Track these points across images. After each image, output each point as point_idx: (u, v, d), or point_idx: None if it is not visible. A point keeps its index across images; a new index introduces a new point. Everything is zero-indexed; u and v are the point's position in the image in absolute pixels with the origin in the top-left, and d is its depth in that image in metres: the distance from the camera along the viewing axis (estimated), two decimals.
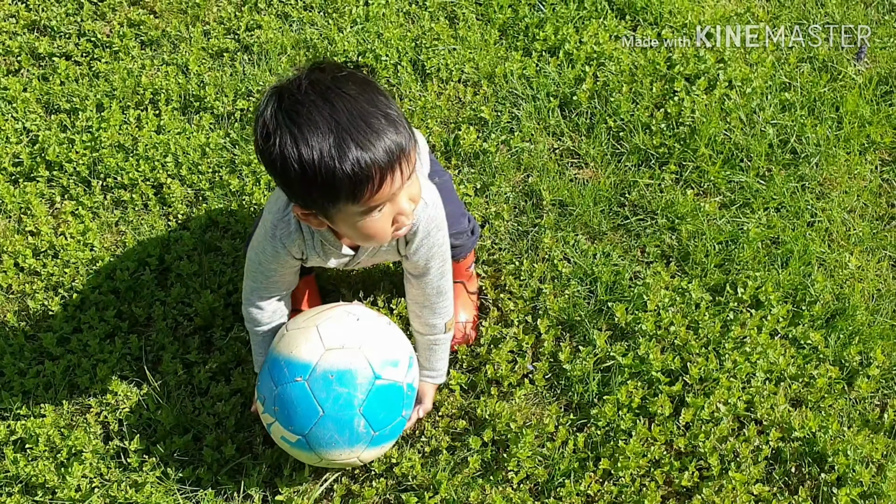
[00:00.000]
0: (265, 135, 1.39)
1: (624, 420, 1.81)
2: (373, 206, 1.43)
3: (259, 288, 1.77)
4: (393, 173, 1.39)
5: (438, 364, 1.84)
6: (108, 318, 2.11)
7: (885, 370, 1.86)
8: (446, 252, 1.75)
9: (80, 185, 2.41)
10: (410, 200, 1.49)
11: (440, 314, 1.79)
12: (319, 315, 1.68)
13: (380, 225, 1.48)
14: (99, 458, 1.88)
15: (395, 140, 1.38)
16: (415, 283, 1.77)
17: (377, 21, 2.67)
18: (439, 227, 1.71)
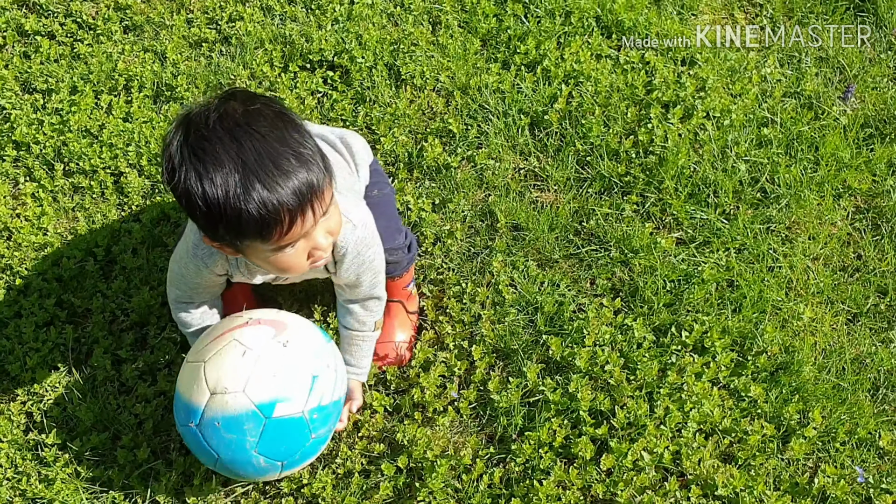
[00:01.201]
0: (171, 168, 1.36)
1: (543, 459, 1.75)
2: (284, 245, 1.40)
3: (183, 296, 1.76)
4: (304, 214, 1.36)
5: (363, 361, 1.83)
6: (48, 307, 2.10)
7: (822, 432, 1.78)
8: (379, 265, 1.73)
9: (43, 167, 2.40)
10: (328, 233, 1.47)
11: (373, 311, 1.79)
12: (209, 346, 1.60)
13: (294, 260, 1.45)
14: (16, 449, 1.87)
15: (306, 180, 1.35)
16: (347, 290, 1.76)
17: (359, 21, 2.62)
18: (369, 245, 1.68)
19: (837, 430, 1.77)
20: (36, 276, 2.16)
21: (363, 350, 1.81)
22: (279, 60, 2.56)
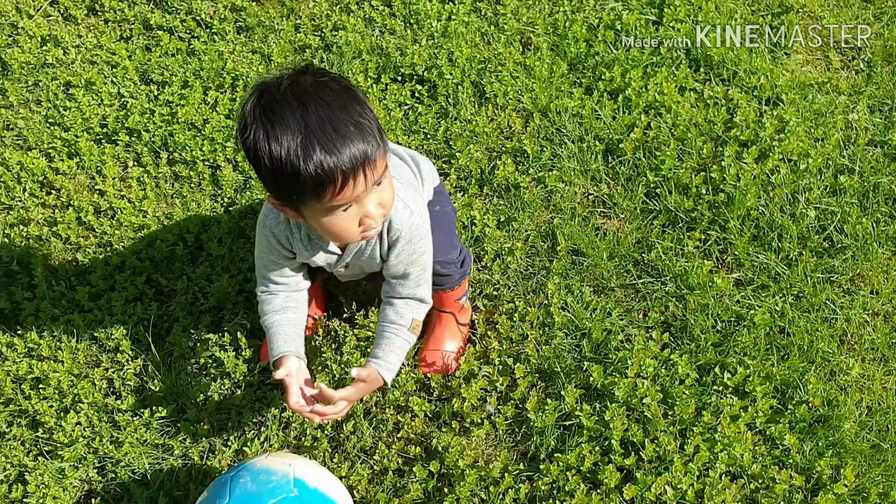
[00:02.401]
0: (243, 126, 1.49)
1: (570, 482, 1.82)
2: (336, 206, 1.50)
3: (263, 277, 1.86)
4: (356, 178, 1.46)
5: (391, 356, 1.79)
6: (139, 284, 2.30)
7: (853, 490, 1.77)
8: (427, 262, 1.80)
9: (151, 154, 2.62)
10: (380, 205, 1.56)
11: (414, 309, 1.83)
12: None
13: (345, 224, 1.55)
14: (94, 411, 2.07)
15: (362, 147, 1.46)
16: (393, 283, 1.82)
17: (453, 38, 2.73)
18: (422, 236, 1.76)
19: (870, 490, 1.76)
20: (132, 254, 2.37)
21: (394, 344, 1.80)
22: (373, 71, 2.69)
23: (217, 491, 1.64)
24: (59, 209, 2.52)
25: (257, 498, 1.58)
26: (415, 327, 1.84)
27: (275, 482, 1.61)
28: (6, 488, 1.96)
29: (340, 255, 1.80)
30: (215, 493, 1.63)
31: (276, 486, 1.60)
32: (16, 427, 2.07)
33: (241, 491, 1.60)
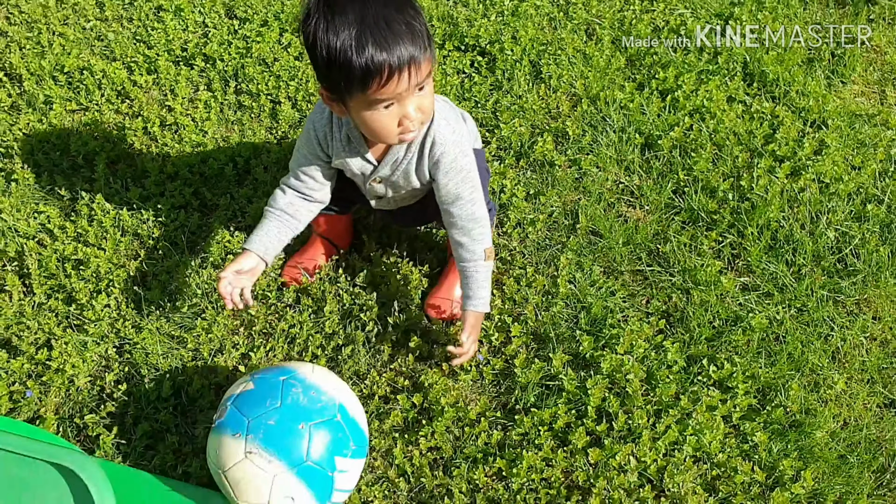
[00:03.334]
0: (305, 16, 1.60)
1: (541, 436, 1.91)
2: (380, 100, 1.59)
3: (293, 173, 1.95)
4: (400, 75, 1.55)
5: (480, 292, 1.92)
6: (186, 193, 2.47)
7: (810, 493, 1.81)
8: (476, 180, 1.87)
9: (221, 81, 2.80)
10: (419, 110, 1.64)
11: (477, 240, 1.89)
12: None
13: (386, 121, 1.64)
14: (124, 298, 2.24)
15: (410, 48, 1.55)
16: (450, 211, 1.88)
17: (521, 18, 2.83)
18: (465, 153, 1.84)
19: (827, 496, 1.80)
20: (185, 167, 2.54)
21: (478, 281, 1.92)
22: (439, 37, 2.81)
23: (269, 391, 1.71)
24: (130, 117, 2.72)
25: (306, 413, 1.67)
26: (489, 255, 1.93)
27: (323, 402, 1.71)
28: (34, 350, 2.14)
29: (376, 165, 1.87)
30: (267, 392, 1.71)
31: (324, 406, 1.70)
32: (52, 300, 2.25)
33: (293, 400, 1.69)
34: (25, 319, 2.21)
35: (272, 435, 1.63)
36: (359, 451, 1.75)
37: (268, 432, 1.64)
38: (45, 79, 2.85)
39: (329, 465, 1.67)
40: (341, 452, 1.70)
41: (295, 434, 1.64)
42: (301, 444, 1.64)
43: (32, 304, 2.25)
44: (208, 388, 2.06)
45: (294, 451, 1.64)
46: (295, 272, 2.25)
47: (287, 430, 1.64)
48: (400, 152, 1.84)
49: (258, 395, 1.71)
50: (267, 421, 1.65)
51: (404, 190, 1.95)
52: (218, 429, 1.69)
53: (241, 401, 1.70)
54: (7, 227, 2.41)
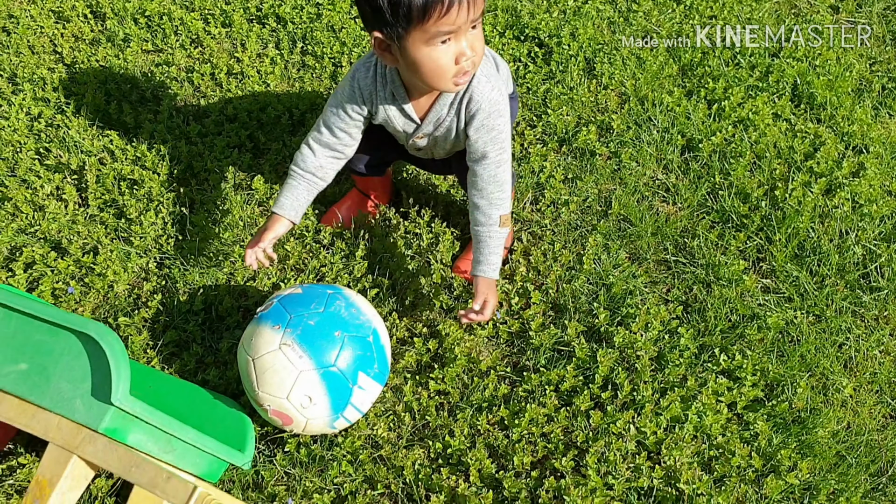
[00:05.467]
0: None
1: (546, 394, 1.97)
2: (440, 33, 1.62)
3: (318, 132, 1.97)
4: (459, 7, 1.59)
5: (491, 258, 1.94)
6: (242, 135, 2.59)
7: (804, 484, 1.84)
8: (506, 143, 1.89)
9: (289, 42, 2.93)
10: (473, 48, 1.68)
11: (496, 205, 1.92)
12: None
13: (444, 59, 1.67)
14: (171, 218, 2.36)
15: None
16: (474, 169, 1.91)
17: (582, 17, 2.93)
18: (501, 113, 1.87)
19: (821, 489, 1.82)
20: (244, 112, 2.67)
21: (489, 246, 1.95)
22: (501, 26, 2.92)
23: (314, 297, 1.82)
24: (200, 62, 2.86)
25: (345, 324, 1.78)
26: (504, 222, 1.96)
27: (361, 321, 1.82)
28: (81, 254, 2.27)
29: (419, 124, 1.94)
30: (313, 298, 1.81)
31: (361, 325, 1.81)
32: (104, 213, 2.38)
33: (335, 310, 1.79)
34: (77, 227, 2.34)
35: (309, 334, 1.73)
36: (380, 376, 1.83)
37: (306, 330, 1.73)
38: (126, 19, 3.01)
39: (353, 377, 1.76)
40: (366, 370, 1.78)
41: (330, 339, 1.74)
42: (333, 350, 1.73)
43: (85, 215, 2.38)
44: (237, 309, 2.15)
45: (325, 353, 1.72)
46: (332, 218, 2.34)
47: (324, 333, 1.74)
48: (442, 110, 1.90)
49: (304, 298, 1.81)
50: (308, 320, 1.74)
51: (443, 146, 2.02)
52: (259, 319, 1.79)
53: (287, 300, 1.80)
54: (73, 144, 2.55)
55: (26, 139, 2.59)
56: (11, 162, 2.54)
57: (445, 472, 1.85)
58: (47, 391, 1.62)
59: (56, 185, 2.47)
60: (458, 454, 1.88)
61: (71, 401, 1.59)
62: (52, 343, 1.64)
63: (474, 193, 1.95)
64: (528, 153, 2.52)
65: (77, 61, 2.88)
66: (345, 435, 1.91)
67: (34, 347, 1.67)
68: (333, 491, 1.84)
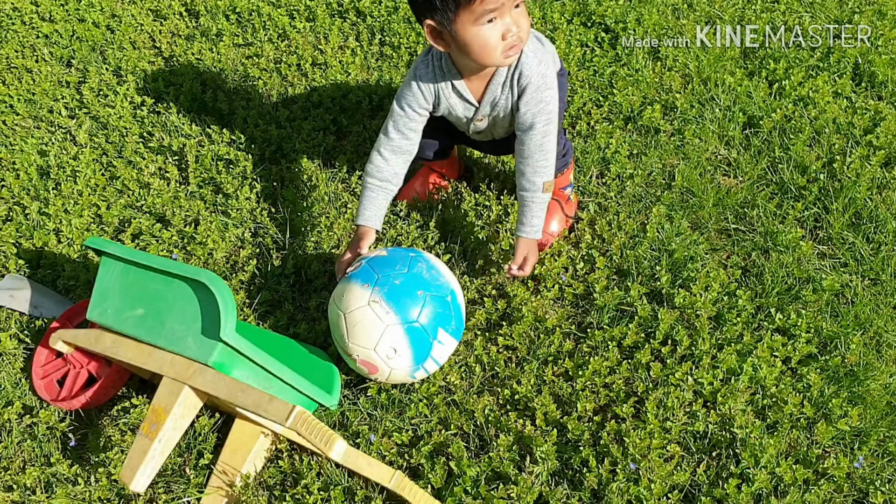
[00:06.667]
0: None
1: (609, 349, 2.11)
2: (486, 10, 1.78)
3: (388, 138, 2.12)
4: None
5: (534, 220, 2.10)
6: (326, 119, 2.81)
7: (854, 431, 1.93)
8: (553, 114, 2.02)
9: (368, 33, 3.14)
10: (517, 25, 1.84)
11: (540, 172, 2.06)
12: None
13: (491, 36, 1.82)
14: (264, 194, 2.58)
15: None
16: (521, 138, 2.05)
17: (647, 4, 3.06)
18: (549, 85, 2.02)
19: (871, 435, 1.92)
20: (328, 98, 2.88)
21: (532, 210, 2.12)
22: (569, 13, 3.07)
23: (399, 259, 1.99)
24: (287, 54, 3.09)
25: (426, 284, 1.96)
26: (547, 188, 2.11)
27: (441, 282, 2.00)
28: (183, 224, 2.50)
29: (478, 106, 2.12)
30: (397, 260, 1.99)
31: (440, 286, 1.99)
32: (203, 189, 2.62)
33: (418, 271, 1.97)
34: (179, 201, 2.58)
35: (395, 292, 1.91)
36: (456, 332, 2.00)
37: (392, 289, 1.91)
38: (218, 16, 3.27)
39: (433, 332, 1.93)
40: (445, 326, 1.96)
41: (414, 297, 1.91)
42: (416, 307, 1.91)
43: (186, 192, 2.63)
44: (323, 273, 2.36)
45: (409, 310, 1.90)
46: (409, 193, 2.53)
47: (408, 292, 1.91)
48: (497, 90, 2.06)
49: (390, 260, 1.99)
50: (394, 280, 1.92)
51: (502, 125, 2.18)
52: (349, 279, 1.98)
53: (374, 262, 1.99)
54: (173, 128, 2.80)
55: (131, 124, 2.86)
56: (118, 145, 2.80)
57: (513, 415, 2.00)
58: (162, 332, 1.85)
59: (159, 165, 2.72)
60: (524, 400, 2.03)
61: (183, 339, 1.81)
62: (167, 291, 1.86)
63: (521, 161, 2.10)
64: (595, 131, 2.66)
65: (174, 55, 3.14)
66: (421, 382, 2.08)
67: (150, 295, 1.89)
68: (411, 430, 2.01)
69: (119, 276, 1.96)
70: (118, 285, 1.95)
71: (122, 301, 1.94)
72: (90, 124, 2.89)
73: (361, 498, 1.88)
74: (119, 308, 1.93)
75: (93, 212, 2.59)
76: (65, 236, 2.53)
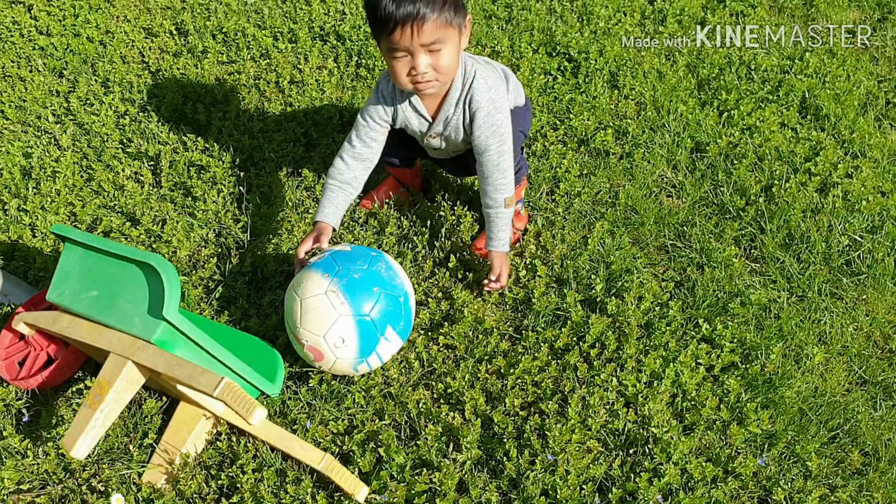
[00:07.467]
0: None
1: (541, 350, 2.21)
2: (393, 48, 1.93)
3: (351, 146, 2.24)
4: (402, 30, 1.87)
5: (501, 234, 2.24)
6: (297, 132, 2.95)
7: (765, 434, 2.02)
8: (505, 135, 2.15)
9: (346, 56, 3.31)
10: (432, 67, 1.97)
11: (500, 189, 2.18)
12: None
13: (399, 68, 1.98)
14: (230, 196, 2.72)
15: (418, 7, 1.84)
16: (479, 160, 2.18)
17: (611, 37, 3.21)
18: (500, 109, 2.13)
19: (780, 438, 2.01)
20: (301, 113, 3.03)
21: (498, 225, 2.25)
22: (536, 44, 3.23)
23: (360, 256, 2.10)
24: (267, 72, 3.25)
25: (383, 283, 2.06)
26: (508, 203, 2.24)
27: (396, 283, 2.11)
28: (151, 224, 2.64)
29: (431, 122, 2.27)
30: (359, 256, 2.10)
31: (396, 286, 2.10)
32: (174, 192, 2.76)
33: (377, 269, 2.08)
34: (150, 203, 2.72)
35: (352, 285, 2.02)
36: (403, 333, 2.11)
37: (350, 282, 2.02)
38: (206, 35, 3.45)
39: (382, 328, 2.04)
40: (394, 324, 2.06)
41: (370, 292, 2.02)
42: (370, 302, 2.02)
43: (158, 194, 2.76)
44: (280, 272, 2.48)
45: (363, 304, 2.01)
46: (370, 201, 2.66)
47: (364, 287, 2.02)
48: (450, 110, 2.19)
49: (352, 255, 2.10)
50: (353, 274, 2.03)
51: (455, 143, 2.31)
52: (311, 267, 2.08)
53: (337, 255, 2.10)
54: (151, 135, 2.95)
55: (113, 131, 3.01)
56: (99, 149, 2.96)
57: (445, 408, 2.11)
58: (113, 312, 1.96)
59: (135, 169, 2.87)
60: (457, 394, 2.14)
61: (131, 318, 1.93)
62: (120, 273, 1.98)
63: (482, 181, 2.24)
64: (549, 151, 2.80)
65: (161, 69, 3.31)
66: (361, 375, 2.19)
67: (106, 278, 2.01)
68: (347, 420, 2.12)
69: (79, 260, 2.09)
70: (78, 269, 2.08)
71: (80, 284, 2.06)
72: (74, 129, 3.04)
73: (292, 479, 1.97)
74: (76, 290, 2.06)
75: (68, 210, 2.73)
76: (39, 231, 2.66)
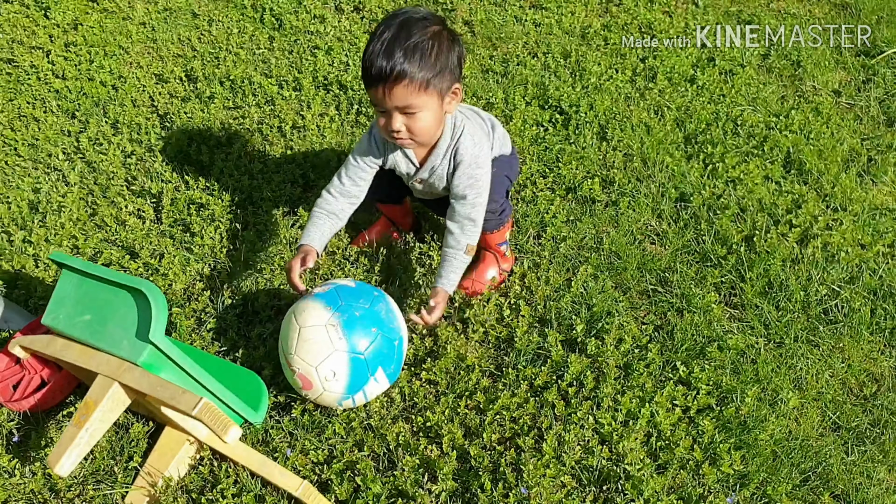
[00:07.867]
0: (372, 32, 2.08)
1: (520, 388, 2.26)
2: (374, 104, 2.07)
3: (340, 182, 2.34)
4: (376, 89, 1.99)
5: (451, 276, 2.27)
6: (296, 173, 3.05)
7: (738, 474, 2.05)
8: (482, 189, 2.24)
9: (348, 104, 3.43)
10: (407, 129, 2.09)
11: (466, 235, 2.25)
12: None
13: (380, 120, 2.11)
14: (227, 233, 2.81)
15: (395, 66, 1.93)
16: (454, 205, 2.25)
17: (602, 93, 3.33)
18: (481, 165, 2.24)
19: (752, 479, 2.04)
20: (301, 156, 3.14)
21: (452, 266, 2.30)
22: (529, 97, 3.34)
23: (364, 294, 2.16)
24: (270, 117, 3.38)
25: (383, 323, 2.12)
26: (469, 251, 2.31)
27: (394, 326, 2.17)
28: (149, 257, 2.73)
29: (418, 167, 2.36)
30: (363, 294, 2.15)
31: (393, 329, 2.16)
32: (174, 228, 2.85)
33: (378, 309, 2.14)
34: (150, 238, 2.81)
35: (352, 322, 2.07)
36: (392, 376, 2.17)
37: (350, 318, 2.08)
38: (213, 82, 3.58)
39: (373, 369, 2.10)
40: (385, 366, 2.12)
41: (367, 332, 2.08)
42: (366, 340, 2.08)
43: (158, 231, 2.85)
44: (269, 307, 2.55)
45: (359, 342, 2.07)
46: (361, 239, 2.74)
47: (363, 325, 2.08)
48: (436, 161, 2.29)
49: (356, 292, 2.16)
50: (354, 311, 2.09)
51: (437, 189, 2.41)
52: (315, 297, 2.14)
53: (342, 289, 2.16)
54: (156, 174, 3.06)
55: (119, 170, 3.12)
56: (104, 187, 3.06)
57: (424, 441, 2.15)
58: (103, 335, 2.03)
59: (138, 206, 2.96)
60: (436, 428, 2.18)
61: (119, 341, 1.99)
62: (112, 299, 2.06)
63: (451, 223, 2.31)
64: (538, 197, 2.88)
65: (169, 113, 3.44)
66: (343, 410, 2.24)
67: (99, 303, 2.09)
68: (327, 449, 2.16)
69: (75, 286, 2.16)
70: (73, 294, 2.15)
71: (74, 308, 2.13)
72: (82, 167, 3.16)
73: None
74: (70, 314, 2.13)
75: (71, 242, 2.82)
76: (42, 262, 2.75)
